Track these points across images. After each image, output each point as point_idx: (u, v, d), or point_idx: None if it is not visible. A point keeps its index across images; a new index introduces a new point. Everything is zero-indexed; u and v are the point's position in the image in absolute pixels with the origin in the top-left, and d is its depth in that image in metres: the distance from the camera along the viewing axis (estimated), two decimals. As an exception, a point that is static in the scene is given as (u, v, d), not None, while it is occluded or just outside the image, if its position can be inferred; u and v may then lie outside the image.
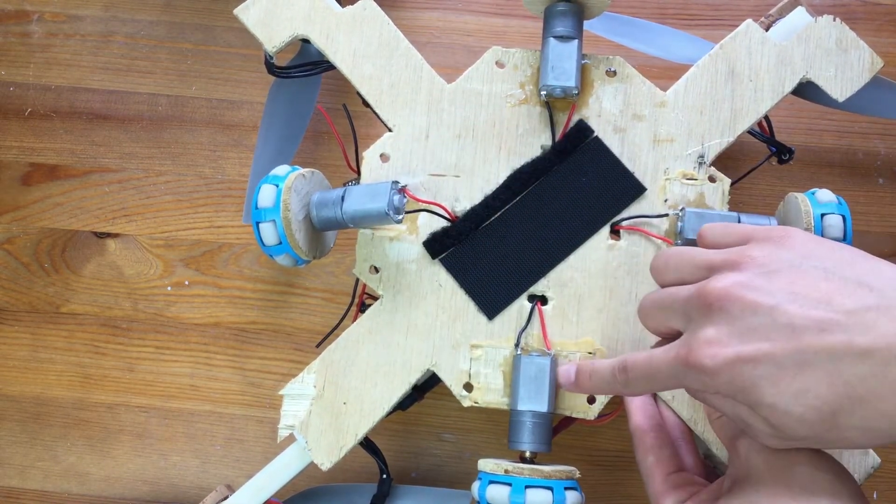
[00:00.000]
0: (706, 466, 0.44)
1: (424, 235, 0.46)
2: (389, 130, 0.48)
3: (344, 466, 0.45)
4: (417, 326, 0.46)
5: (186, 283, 0.57)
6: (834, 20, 0.47)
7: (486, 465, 0.42)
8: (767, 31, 0.49)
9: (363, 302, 0.49)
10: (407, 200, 0.44)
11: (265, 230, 0.44)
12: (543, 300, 0.46)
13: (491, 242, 0.46)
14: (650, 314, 0.37)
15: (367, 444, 0.47)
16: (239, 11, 0.49)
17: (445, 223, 0.46)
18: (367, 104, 0.48)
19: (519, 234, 0.46)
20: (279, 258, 0.45)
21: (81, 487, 0.56)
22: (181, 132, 0.59)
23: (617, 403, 0.45)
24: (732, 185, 0.46)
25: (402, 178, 0.47)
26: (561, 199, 0.46)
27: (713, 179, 0.46)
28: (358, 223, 0.44)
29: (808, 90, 0.48)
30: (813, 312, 0.31)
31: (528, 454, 0.43)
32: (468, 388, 0.45)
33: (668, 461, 0.41)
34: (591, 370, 0.39)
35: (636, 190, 0.46)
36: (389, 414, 0.45)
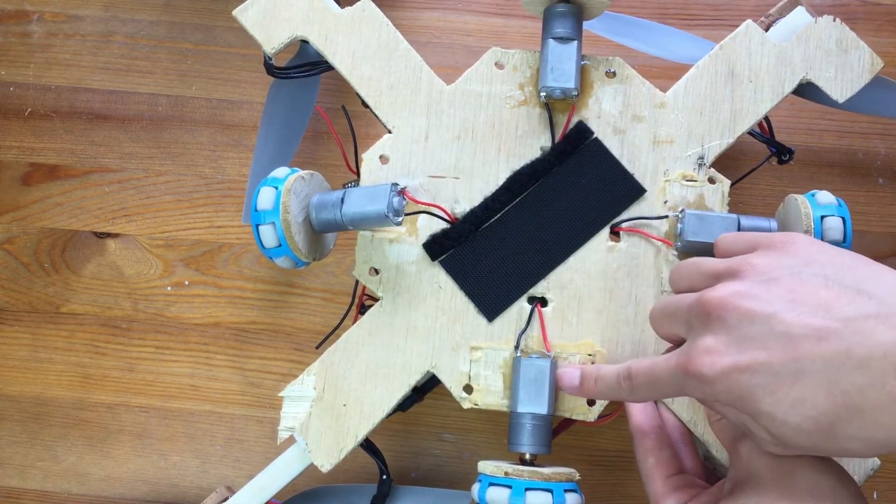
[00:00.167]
0: (706, 468, 0.44)
1: (424, 237, 0.46)
2: (389, 132, 0.48)
3: (344, 467, 0.45)
4: (417, 328, 0.46)
5: (186, 283, 0.57)
6: (834, 21, 0.47)
7: (485, 467, 0.42)
8: (767, 31, 0.49)
9: (363, 303, 0.49)
10: (406, 202, 0.44)
11: (265, 232, 0.44)
12: (543, 302, 0.46)
13: (491, 244, 0.46)
14: (658, 321, 0.37)
15: (366, 444, 0.47)
16: (237, 12, 0.48)
17: (445, 225, 0.46)
18: (366, 105, 0.48)
19: (519, 235, 0.46)
20: (279, 260, 0.45)
21: (81, 487, 0.56)
22: (181, 132, 0.59)
23: (617, 405, 0.45)
24: (732, 186, 0.46)
25: (401, 179, 0.47)
26: (561, 200, 0.46)
27: (713, 181, 0.46)
28: (357, 225, 0.44)
29: (808, 90, 0.48)
30: (811, 320, 0.31)
31: (527, 456, 0.43)
32: (468, 389, 0.45)
33: (668, 463, 0.41)
34: (596, 375, 0.39)
35: (636, 191, 0.46)
36: (389, 415, 0.45)
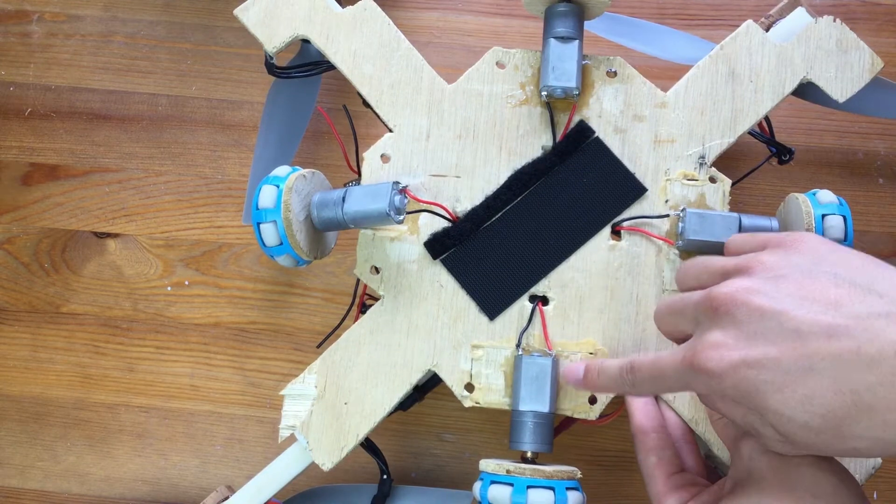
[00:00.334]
0: (707, 467, 0.44)
1: (425, 236, 0.46)
2: (390, 131, 0.48)
3: (344, 467, 0.45)
4: (418, 327, 0.45)
5: (186, 283, 0.57)
6: (834, 21, 0.47)
7: (487, 465, 0.42)
8: (767, 31, 0.49)
9: (364, 302, 0.49)
10: (408, 201, 0.44)
11: (266, 231, 0.44)
12: (544, 300, 0.46)
13: (492, 243, 0.46)
14: (663, 318, 0.37)
15: (367, 444, 0.47)
16: (239, 12, 0.48)
17: (446, 224, 0.46)
18: (367, 105, 0.48)
19: (520, 234, 0.46)
20: (280, 259, 0.45)
21: (81, 487, 0.56)
22: (181, 132, 0.59)
23: (618, 404, 0.45)
24: (733, 185, 0.46)
25: (402, 178, 0.47)
26: (562, 199, 0.46)
27: (714, 180, 0.46)
28: (359, 224, 0.44)
29: (808, 91, 0.48)
30: (821, 318, 0.30)
31: (529, 454, 0.43)
32: (469, 388, 0.45)
33: (669, 462, 0.41)
34: (599, 368, 0.39)
35: (637, 190, 0.46)
36: (390, 414, 0.45)
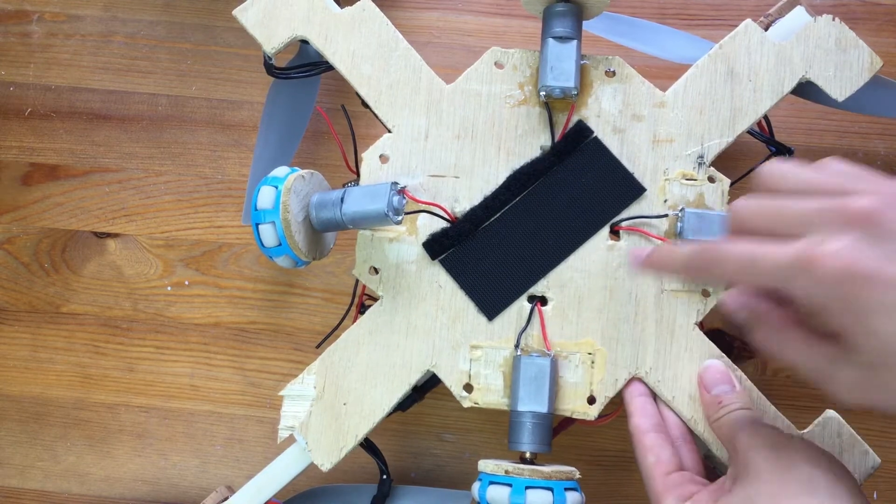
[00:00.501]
0: (707, 467, 0.44)
1: (424, 236, 0.46)
2: (389, 131, 0.48)
3: (343, 467, 0.45)
4: (417, 327, 0.46)
5: (186, 283, 0.57)
6: (833, 20, 0.47)
7: (486, 465, 0.42)
8: (766, 30, 0.49)
9: (363, 303, 0.49)
10: (406, 201, 0.44)
11: (265, 231, 0.44)
12: (543, 301, 0.46)
13: (491, 243, 0.46)
14: (755, 215, 0.34)
15: (366, 444, 0.47)
16: (238, 12, 0.48)
17: (445, 224, 0.46)
18: (366, 105, 0.48)
19: (519, 234, 0.46)
20: (279, 259, 0.45)
21: (81, 487, 0.56)
22: (181, 132, 0.59)
23: (617, 404, 0.45)
24: (732, 185, 0.46)
25: (401, 178, 0.47)
26: (560, 199, 0.46)
27: (713, 180, 0.46)
28: (357, 224, 0.44)
29: (807, 90, 0.48)
30: None
31: (528, 455, 0.43)
32: (468, 388, 0.45)
33: (667, 461, 0.41)
34: (670, 246, 0.37)
35: (636, 190, 0.46)
36: (389, 415, 0.45)
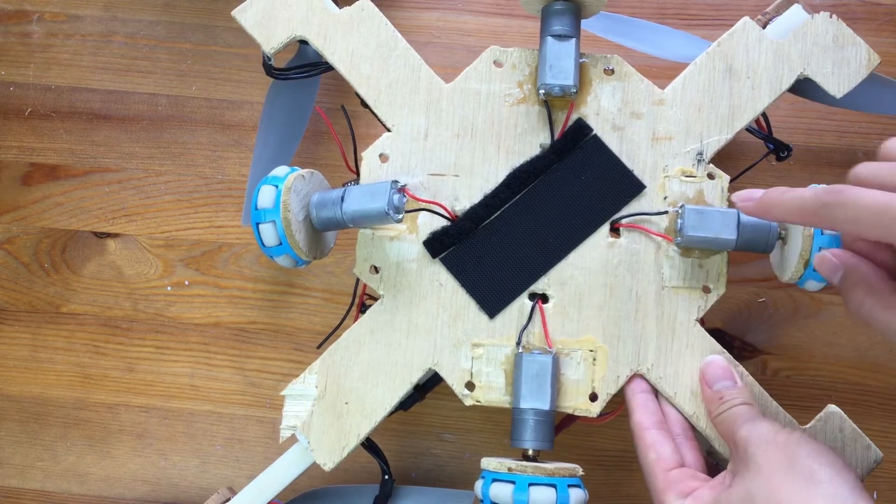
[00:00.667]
0: (709, 463, 0.44)
1: (424, 235, 0.46)
2: (388, 130, 0.48)
3: (343, 467, 0.45)
4: (418, 326, 0.46)
5: (186, 283, 0.57)
6: (831, 17, 0.47)
7: (489, 463, 0.42)
8: (764, 28, 0.49)
9: (364, 302, 0.49)
10: (407, 200, 0.44)
11: (265, 231, 0.44)
12: (544, 298, 0.46)
13: (491, 241, 0.46)
14: (880, 174, 0.34)
15: (368, 444, 0.47)
16: (237, 13, 0.49)
17: (445, 222, 0.46)
18: (365, 105, 0.48)
19: (519, 232, 0.46)
20: (279, 259, 0.45)
21: (81, 487, 0.56)
22: (181, 132, 0.59)
23: (618, 402, 0.45)
24: (731, 182, 0.47)
25: (401, 177, 0.47)
26: (560, 197, 0.46)
27: (712, 176, 0.46)
28: (358, 223, 0.44)
29: (805, 87, 0.48)
30: None
31: (530, 452, 0.43)
32: (470, 387, 0.45)
33: (669, 457, 0.41)
34: (782, 189, 0.35)
35: (635, 188, 0.46)
36: (391, 414, 0.45)
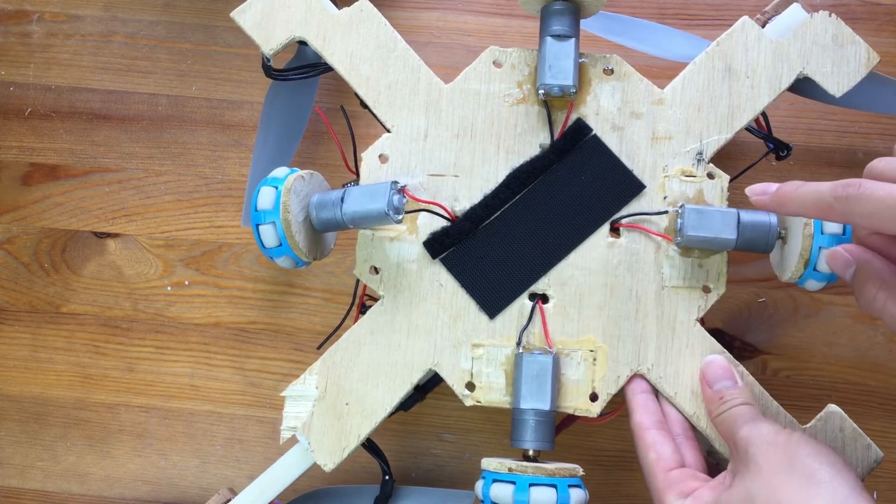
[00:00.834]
0: (709, 463, 0.44)
1: (424, 235, 0.46)
2: (388, 131, 0.48)
3: (343, 467, 0.45)
4: (418, 326, 0.46)
5: (186, 283, 0.57)
6: (830, 16, 0.47)
7: (489, 463, 0.42)
8: (764, 27, 0.49)
9: (364, 303, 0.49)
10: (406, 200, 0.44)
11: (265, 232, 0.44)
12: (544, 298, 0.46)
13: (491, 241, 0.46)
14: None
15: (369, 444, 0.47)
16: (236, 14, 0.49)
17: (445, 223, 0.46)
18: (365, 105, 0.48)
19: (519, 232, 0.46)
20: (279, 260, 0.45)
21: (81, 487, 0.56)
22: (181, 132, 0.59)
23: (618, 402, 0.45)
24: (731, 181, 0.47)
25: (401, 178, 0.47)
26: (560, 197, 0.46)
27: (712, 176, 0.46)
28: (358, 224, 0.44)
29: (805, 87, 0.48)
30: None
31: (531, 452, 0.43)
32: (470, 387, 0.45)
33: (669, 458, 0.41)
34: (798, 183, 0.35)
35: (635, 187, 0.46)
36: (391, 414, 0.45)
